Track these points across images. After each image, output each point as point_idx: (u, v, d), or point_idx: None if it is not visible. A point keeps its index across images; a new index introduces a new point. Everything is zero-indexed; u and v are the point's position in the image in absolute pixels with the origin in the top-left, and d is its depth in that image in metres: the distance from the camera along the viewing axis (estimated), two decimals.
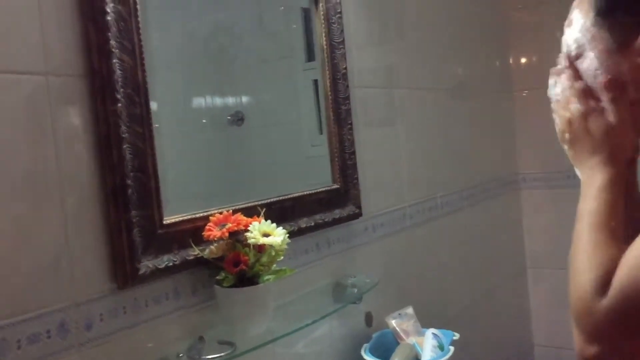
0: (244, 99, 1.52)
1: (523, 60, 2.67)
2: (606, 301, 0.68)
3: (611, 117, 0.79)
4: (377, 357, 1.48)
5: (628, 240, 0.73)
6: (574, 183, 0.83)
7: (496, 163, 2.53)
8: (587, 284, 0.71)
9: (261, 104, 1.54)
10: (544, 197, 2.64)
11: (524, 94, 2.66)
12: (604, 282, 0.69)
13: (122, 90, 1.01)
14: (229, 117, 1.47)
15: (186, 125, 1.37)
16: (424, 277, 1.92)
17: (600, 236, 0.74)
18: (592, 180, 0.79)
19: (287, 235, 1.15)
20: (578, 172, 0.83)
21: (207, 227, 1.11)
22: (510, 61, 2.68)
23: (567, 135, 0.83)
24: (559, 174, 2.57)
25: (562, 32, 0.94)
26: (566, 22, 0.86)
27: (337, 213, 1.51)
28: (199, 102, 1.44)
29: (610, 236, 0.74)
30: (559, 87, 0.85)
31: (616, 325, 0.68)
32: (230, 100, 1.50)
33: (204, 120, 1.47)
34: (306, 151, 1.62)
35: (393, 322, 1.61)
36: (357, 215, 1.58)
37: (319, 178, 1.53)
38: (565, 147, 0.85)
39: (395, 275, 1.77)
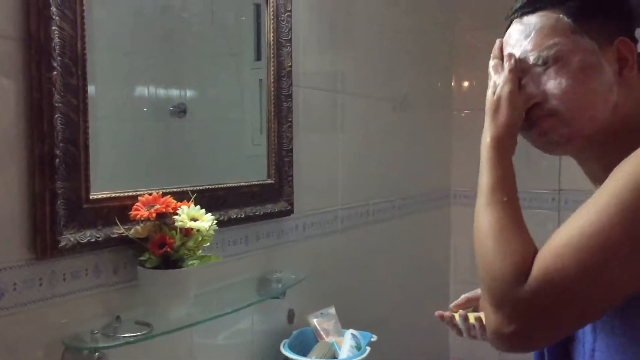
0: (189, 92, 1.51)
1: (465, 81, 2.77)
2: (529, 287, 0.71)
3: (499, 89, 0.87)
4: (296, 353, 1.50)
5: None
6: None
7: (430, 177, 2.61)
8: (505, 270, 0.73)
9: (206, 98, 1.53)
10: (472, 214, 2.72)
11: (463, 114, 2.75)
12: (524, 268, 0.72)
13: (59, 58, 0.99)
14: (171, 108, 1.46)
15: (125, 109, 1.35)
16: (349, 279, 1.95)
17: (502, 215, 0.78)
18: (482, 152, 0.86)
19: (216, 222, 1.16)
20: None
21: (134, 207, 1.11)
22: (453, 80, 2.77)
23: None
24: None
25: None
26: (526, 30, 0.88)
27: (269, 208, 1.53)
28: (141, 89, 1.42)
29: (511, 214, 0.78)
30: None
31: (538, 309, 0.71)
32: (175, 91, 1.48)
33: (145, 109, 1.45)
34: (247, 150, 1.62)
35: (314, 321, 1.63)
36: (288, 212, 1.60)
37: (255, 172, 1.54)
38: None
39: (321, 275, 1.79)
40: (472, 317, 1.05)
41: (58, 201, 1.00)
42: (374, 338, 1.59)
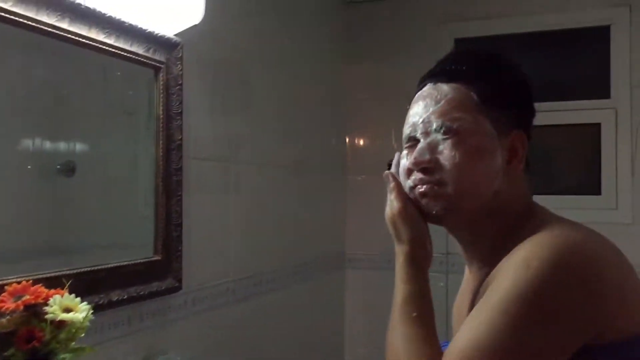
0: (78, 147, 1.43)
1: (359, 146, 2.85)
2: None
3: (388, 206, 0.93)
4: None
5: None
6: (394, 267, 0.90)
7: (324, 242, 2.63)
8: None
9: (97, 157, 1.45)
10: (366, 278, 2.77)
11: (359, 178, 2.82)
12: None
13: None
14: (58, 166, 1.38)
15: (5, 168, 1.24)
16: (242, 354, 1.90)
17: (411, 331, 0.81)
18: (397, 267, 0.89)
19: (92, 311, 1.09)
20: None
21: (0, 298, 1.02)
22: (347, 146, 2.84)
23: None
24: (382, 256, 2.73)
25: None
26: (438, 95, 0.90)
27: (155, 286, 1.47)
28: (25, 144, 1.32)
29: (420, 331, 0.81)
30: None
31: None
32: (62, 147, 1.40)
33: (29, 167, 1.35)
34: (134, 224, 1.54)
35: None
36: (176, 289, 1.54)
37: (141, 249, 1.48)
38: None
39: (213, 351, 1.73)
40: None
41: None
42: None
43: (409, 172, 0.91)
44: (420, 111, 0.90)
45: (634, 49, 2.40)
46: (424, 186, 0.88)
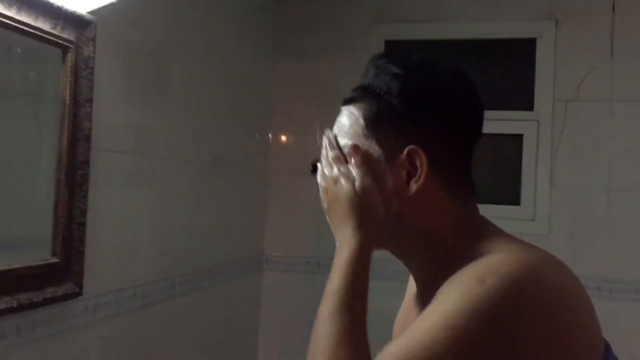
0: None
1: (281, 144, 2.75)
2: None
3: (357, 182, 0.79)
4: None
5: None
6: (312, 269, 0.81)
7: (242, 242, 2.52)
8: None
9: None
10: (284, 280, 2.68)
11: (281, 177, 2.73)
12: None
13: None
14: None
15: None
16: None
17: (344, 323, 0.71)
18: (340, 253, 0.77)
19: None
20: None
21: None
22: (269, 144, 2.74)
23: (324, 204, 0.83)
24: (301, 259, 2.65)
25: (321, 124, 0.95)
26: (335, 126, 0.86)
27: (51, 292, 1.31)
28: None
29: (355, 326, 0.71)
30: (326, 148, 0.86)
31: None
32: None
33: None
34: (31, 225, 1.37)
35: None
36: (76, 295, 1.39)
37: (39, 248, 1.32)
38: (327, 218, 0.83)
39: None
40: None
41: None
42: None
43: None
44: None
45: (559, 62, 2.45)
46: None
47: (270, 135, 2.74)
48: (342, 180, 0.80)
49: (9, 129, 1.30)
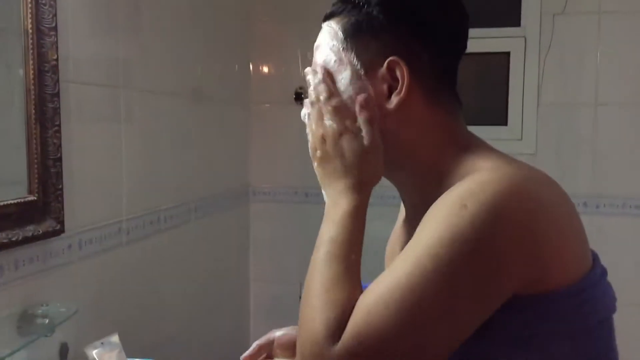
0: None
1: (263, 73, 2.67)
2: (338, 347, 0.64)
3: (365, 139, 0.76)
4: None
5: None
6: (300, 199, 0.79)
7: (228, 175, 2.48)
8: (320, 326, 0.65)
9: None
10: (272, 212, 2.67)
11: (264, 107, 2.67)
12: (339, 325, 0.65)
13: None
14: None
15: None
16: (137, 299, 1.75)
17: (339, 270, 0.70)
18: (338, 205, 0.75)
19: None
20: (324, 192, 0.79)
21: None
22: (251, 73, 2.66)
23: (318, 153, 0.79)
24: (288, 189, 2.63)
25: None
26: (315, 44, 0.83)
27: (31, 230, 1.27)
28: None
29: (349, 271, 0.70)
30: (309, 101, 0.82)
31: None
32: None
33: None
34: (10, 151, 1.32)
35: (93, 353, 1.41)
36: (57, 232, 1.36)
37: (12, 187, 1.28)
38: (315, 164, 0.80)
39: (102, 299, 1.57)
40: None
41: None
42: None
43: None
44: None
45: None
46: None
47: (250, 64, 2.65)
48: (349, 137, 0.77)
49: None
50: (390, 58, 0.76)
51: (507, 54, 2.42)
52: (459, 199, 0.66)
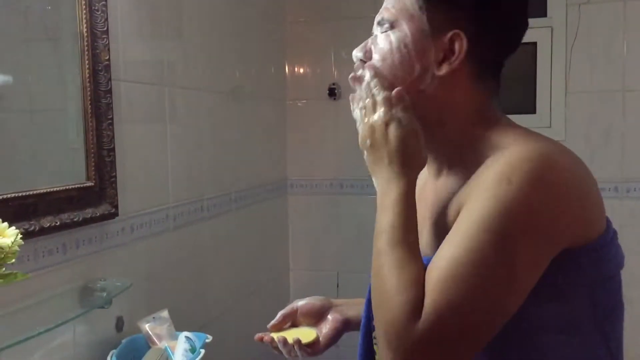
0: (1, 78, 1.34)
1: (298, 71, 2.79)
2: (421, 324, 0.70)
3: (407, 125, 0.84)
4: None
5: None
6: (336, 191, 0.88)
7: (266, 168, 2.61)
8: (399, 307, 0.72)
9: (21, 87, 1.36)
10: (309, 203, 2.78)
11: (299, 103, 2.79)
12: (416, 304, 0.72)
13: None
14: None
15: None
16: (184, 280, 1.89)
17: (403, 253, 0.77)
18: (388, 192, 0.82)
19: (21, 236, 1.05)
20: (375, 181, 0.86)
21: None
22: (286, 71, 2.78)
23: (368, 142, 0.86)
24: (324, 181, 2.74)
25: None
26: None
27: (90, 212, 1.42)
28: None
29: (411, 253, 0.77)
30: (360, 91, 0.89)
31: (432, 347, 0.71)
32: None
33: None
34: (65, 150, 1.47)
35: (146, 326, 1.56)
36: (112, 215, 1.50)
37: (74, 175, 1.43)
38: (365, 153, 0.88)
39: (153, 278, 1.72)
40: (290, 338, 1.05)
41: None
42: (209, 339, 1.56)
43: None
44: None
45: None
46: (351, 74, 0.90)
47: (286, 63, 2.78)
48: (394, 124, 0.84)
49: (38, 70, 1.38)
50: (455, 31, 0.84)
51: (534, 44, 2.48)
52: (502, 174, 0.75)
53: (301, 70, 2.79)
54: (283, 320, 1.12)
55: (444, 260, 0.73)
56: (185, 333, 1.55)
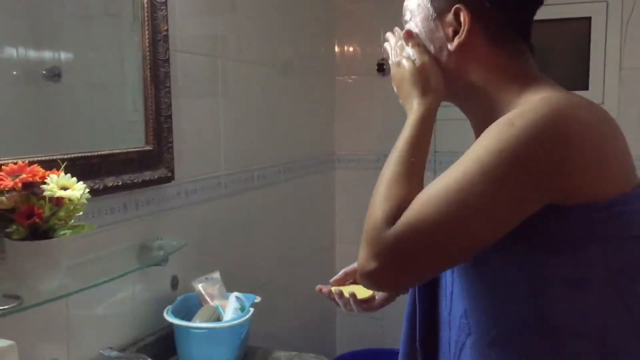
0: (63, 54, 1.43)
1: (347, 48, 2.82)
2: (394, 230, 0.78)
3: (417, 60, 0.93)
4: (180, 319, 1.50)
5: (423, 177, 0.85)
6: (382, 165, 0.93)
7: (314, 142, 2.66)
8: (380, 214, 0.80)
9: (83, 61, 1.45)
10: (355, 177, 2.82)
11: (348, 79, 2.82)
12: (395, 214, 0.79)
13: None
14: (44, 72, 1.38)
15: None
16: (234, 244, 1.97)
17: (400, 170, 0.84)
18: (409, 117, 0.91)
19: (88, 191, 1.13)
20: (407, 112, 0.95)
21: None
22: (336, 48, 2.81)
23: (395, 90, 0.97)
24: (371, 156, 2.77)
25: (385, 26, 1.09)
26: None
27: (148, 175, 1.50)
28: (9, 52, 1.33)
29: (409, 171, 0.84)
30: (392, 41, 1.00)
31: (398, 251, 0.78)
32: (47, 54, 1.40)
33: (14, 72, 1.36)
34: (125, 115, 1.56)
35: (199, 286, 1.64)
36: (169, 179, 1.58)
37: (134, 139, 1.51)
38: (395, 89, 0.97)
39: (205, 241, 1.80)
40: (346, 292, 1.11)
41: None
42: (258, 299, 1.63)
43: None
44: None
45: None
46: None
47: (335, 40, 2.81)
48: (404, 61, 0.94)
49: (98, 44, 1.47)
50: (456, 6, 0.89)
51: (588, 19, 2.43)
52: (508, 119, 0.79)
53: (350, 48, 2.82)
54: (345, 276, 1.18)
55: (434, 185, 0.79)
56: (236, 293, 1.62)
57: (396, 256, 0.78)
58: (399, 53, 0.96)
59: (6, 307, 1.00)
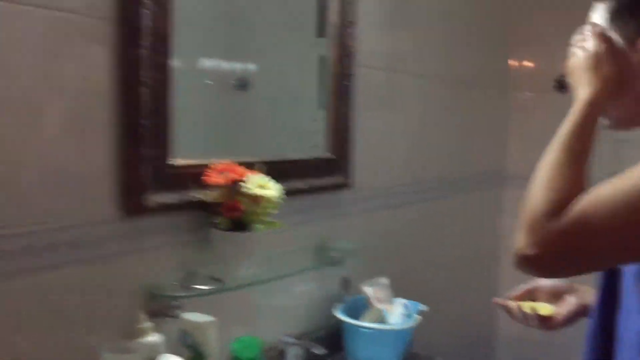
0: (250, 66, 1.59)
1: (523, 64, 2.76)
2: (563, 221, 0.78)
3: (591, 48, 0.93)
4: (349, 318, 1.59)
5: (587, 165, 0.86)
6: None
7: (486, 159, 2.64)
8: (543, 203, 0.81)
9: (267, 73, 1.60)
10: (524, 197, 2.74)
11: (525, 96, 2.77)
12: (560, 205, 0.79)
13: (147, 37, 1.10)
14: (233, 82, 1.54)
15: (195, 82, 1.44)
16: (402, 253, 2.03)
17: (563, 157, 0.85)
18: (575, 104, 0.91)
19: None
20: None
21: (208, 174, 1.21)
22: (510, 63, 2.77)
23: (569, 69, 0.97)
24: None
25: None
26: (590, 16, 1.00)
27: (329, 181, 1.62)
28: (209, 63, 1.51)
29: (572, 159, 0.84)
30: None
31: (565, 242, 0.78)
32: (237, 65, 1.57)
33: (209, 82, 1.54)
34: (306, 125, 1.69)
35: (368, 289, 1.72)
36: (347, 186, 1.68)
37: (315, 147, 1.63)
38: (570, 82, 0.98)
39: (375, 247, 1.88)
40: (526, 307, 1.11)
41: (143, 166, 1.12)
42: (424, 307, 1.67)
43: None
44: None
45: None
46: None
47: (509, 57, 2.77)
48: (579, 50, 0.95)
49: (284, 57, 1.62)
50: None
51: None
52: None
53: (526, 65, 2.76)
54: (525, 293, 1.18)
55: (605, 190, 0.78)
56: (402, 300, 1.68)
57: (562, 249, 0.79)
58: (579, 45, 0.97)
59: (211, 287, 1.15)
